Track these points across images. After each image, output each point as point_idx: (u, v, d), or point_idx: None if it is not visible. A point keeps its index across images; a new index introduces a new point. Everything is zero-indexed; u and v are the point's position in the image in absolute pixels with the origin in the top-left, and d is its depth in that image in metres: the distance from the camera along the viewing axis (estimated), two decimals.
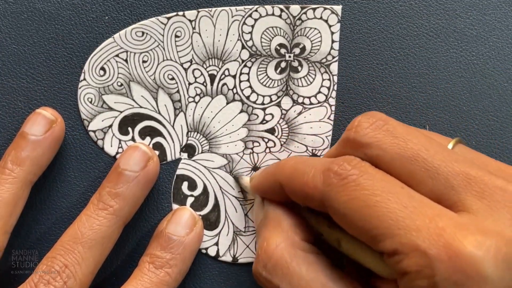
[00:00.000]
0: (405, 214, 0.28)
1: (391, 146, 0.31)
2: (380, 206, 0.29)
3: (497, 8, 0.40)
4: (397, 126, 0.32)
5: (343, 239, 0.32)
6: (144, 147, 0.38)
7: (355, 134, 0.32)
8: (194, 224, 0.38)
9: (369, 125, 0.32)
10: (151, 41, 0.40)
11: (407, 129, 0.32)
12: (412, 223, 0.28)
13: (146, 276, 0.36)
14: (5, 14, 0.39)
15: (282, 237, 0.34)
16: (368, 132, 0.32)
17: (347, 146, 0.33)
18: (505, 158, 0.40)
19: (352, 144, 0.33)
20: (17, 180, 0.37)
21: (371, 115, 0.33)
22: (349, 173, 0.30)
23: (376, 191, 0.29)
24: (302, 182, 0.33)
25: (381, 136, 0.32)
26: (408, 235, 0.28)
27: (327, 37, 0.40)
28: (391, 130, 0.32)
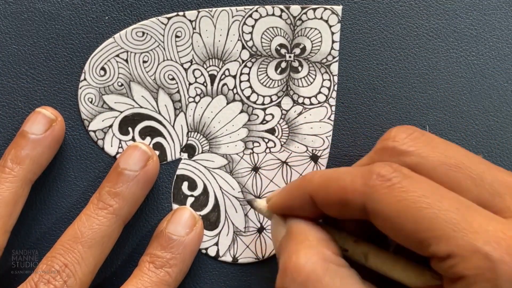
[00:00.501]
0: (459, 217, 0.28)
1: (432, 153, 0.31)
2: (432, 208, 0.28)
3: (497, 8, 0.40)
4: (436, 137, 0.32)
5: (371, 252, 0.32)
6: (143, 146, 0.38)
7: (393, 143, 0.32)
8: (194, 224, 0.38)
9: (407, 135, 0.32)
10: (152, 41, 0.40)
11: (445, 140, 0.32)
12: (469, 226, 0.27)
13: (146, 276, 0.36)
14: (5, 14, 0.39)
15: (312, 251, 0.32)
16: (408, 141, 0.32)
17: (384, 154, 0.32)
18: (505, 158, 0.40)
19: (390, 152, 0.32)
20: (17, 179, 0.37)
21: (407, 127, 0.33)
22: (394, 174, 0.29)
23: (426, 193, 0.29)
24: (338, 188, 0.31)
25: (422, 145, 0.31)
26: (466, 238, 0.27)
27: (328, 37, 0.40)
28: (430, 141, 0.32)
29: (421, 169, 0.31)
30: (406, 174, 0.29)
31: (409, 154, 0.31)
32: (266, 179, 0.40)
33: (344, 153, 0.40)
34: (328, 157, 0.40)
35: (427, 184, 0.29)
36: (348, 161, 0.40)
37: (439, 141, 0.32)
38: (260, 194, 0.40)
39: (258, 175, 0.40)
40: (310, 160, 0.40)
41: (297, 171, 0.40)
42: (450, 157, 0.31)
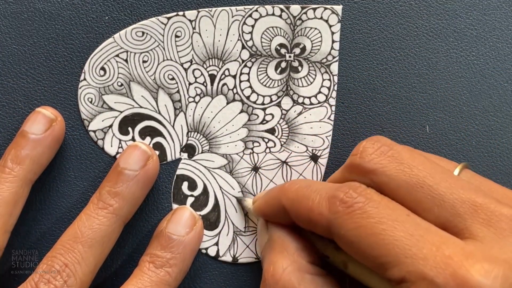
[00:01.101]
0: (411, 242, 0.28)
1: (396, 172, 0.32)
2: (387, 234, 0.29)
3: (497, 8, 0.40)
4: (402, 151, 0.32)
5: (350, 262, 0.32)
6: (143, 146, 0.38)
7: (360, 160, 0.33)
8: (194, 223, 0.38)
9: (374, 151, 0.33)
10: (151, 41, 0.40)
11: (412, 154, 0.32)
12: (419, 252, 0.28)
13: (146, 276, 0.36)
14: (5, 14, 0.39)
15: (289, 261, 0.34)
16: (373, 158, 0.32)
17: (352, 171, 0.33)
18: (505, 158, 0.40)
19: (357, 170, 0.33)
20: (17, 179, 0.37)
21: (376, 140, 0.33)
22: (355, 200, 0.31)
23: (382, 219, 0.30)
24: (307, 208, 0.33)
25: (386, 162, 0.32)
26: (415, 264, 0.28)
27: (328, 37, 0.40)
28: (396, 156, 0.32)
29: (386, 188, 0.32)
30: (368, 198, 0.31)
31: (374, 173, 0.32)
32: (266, 179, 0.40)
33: (344, 153, 0.40)
34: (328, 157, 0.40)
35: (387, 208, 0.30)
36: None
37: (406, 156, 0.32)
38: None
39: (258, 175, 0.40)
40: (310, 160, 0.40)
41: (297, 171, 0.40)
42: (413, 175, 0.31)
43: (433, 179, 0.31)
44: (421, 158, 0.32)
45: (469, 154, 0.40)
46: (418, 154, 0.33)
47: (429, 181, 0.31)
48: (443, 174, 0.31)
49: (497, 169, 0.40)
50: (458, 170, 0.34)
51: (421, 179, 0.31)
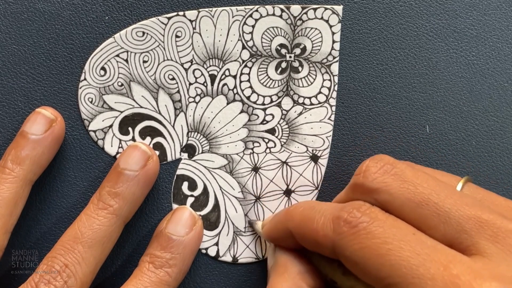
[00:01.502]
0: (418, 262, 0.28)
1: (400, 191, 0.31)
2: (393, 255, 0.29)
3: (497, 8, 0.40)
4: (406, 169, 0.32)
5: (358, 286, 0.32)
6: (143, 146, 0.38)
7: (363, 179, 0.33)
8: (194, 223, 0.38)
9: (377, 170, 0.33)
10: (152, 41, 0.40)
11: (415, 172, 0.32)
12: (426, 272, 0.28)
13: (145, 276, 0.36)
14: (5, 14, 0.39)
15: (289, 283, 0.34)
16: (377, 176, 0.32)
17: (356, 191, 0.33)
18: (505, 158, 0.40)
19: (361, 189, 0.33)
20: (17, 180, 0.37)
21: (379, 159, 0.33)
22: (359, 220, 0.31)
23: (387, 239, 0.29)
24: (312, 230, 0.33)
25: (390, 181, 0.32)
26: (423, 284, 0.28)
27: (328, 38, 0.40)
28: (399, 174, 0.32)
29: (390, 207, 0.32)
30: (373, 218, 0.31)
31: (378, 192, 0.32)
32: (266, 179, 0.40)
33: (344, 153, 0.40)
34: (328, 157, 0.40)
35: (392, 227, 0.30)
36: (348, 161, 0.40)
37: (410, 174, 0.32)
38: (260, 194, 0.40)
39: (258, 175, 0.40)
40: (310, 160, 0.40)
41: (297, 171, 0.40)
42: (418, 193, 0.31)
43: (437, 196, 0.31)
44: (424, 176, 0.32)
45: (469, 154, 0.40)
46: (421, 172, 0.32)
47: (434, 198, 0.31)
48: (447, 190, 0.31)
49: (497, 169, 0.40)
50: (461, 184, 0.34)
51: (425, 196, 0.31)
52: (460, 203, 0.30)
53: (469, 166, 0.40)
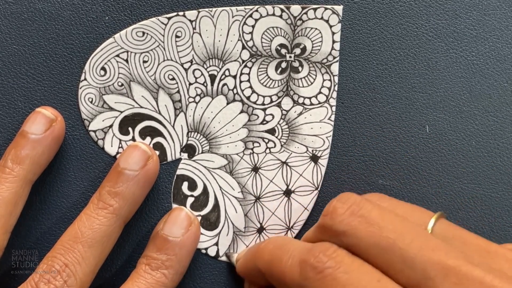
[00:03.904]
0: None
1: (366, 234, 0.31)
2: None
3: (497, 8, 0.40)
4: (372, 210, 0.32)
5: None
6: (143, 146, 0.38)
7: (330, 221, 0.33)
8: (190, 223, 0.38)
9: (343, 211, 0.32)
10: (152, 41, 0.40)
11: (382, 213, 0.32)
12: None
13: (142, 278, 0.36)
14: (5, 14, 0.39)
15: None
16: (344, 218, 0.32)
17: (324, 232, 0.33)
18: (505, 158, 0.40)
19: (329, 231, 0.33)
20: (17, 179, 0.37)
21: (346, 199, 0.33)
22: (326, 265, 0.31)
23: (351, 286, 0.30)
24: (280, 271, 0.33)
25: (356, 224, 0.32)
26: None
27: (328, 38, 0.40)
28: (366, 216, 0.32)
29: (357, 250, 0.31)
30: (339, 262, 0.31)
31: (345, 235, 0.32)
32: (266, 179, 0.40)
33: (344, 153, 0.40)
34: (328, 157, 0.40)
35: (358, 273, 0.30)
36: (348, 161, 0.40)
37: (376, 215, 0.32)
38: (260, 195, 0.40)
39: (258, 175, 0.40)
40: (310, 161, 0.40)
41: (297, 171, 0.40)
42: (384, 237, 0.31)
43: (403, 240, 0.30)
44: (391, 217, 0.32)
45: (469, 154, 0.40)
46: (387, 213, 0.32)
47: (399, 243, 0.30)
48: (414, 233, 0.31)
49: (497, 169, 0.40)
50: (433, 221, 0.33)
51: (391, 241, 0.31)
52: (426, 248, 0.30)
53: (469, 166, 0.40)
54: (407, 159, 0.40)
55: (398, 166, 0.40)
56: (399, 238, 0.31)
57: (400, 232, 0.31)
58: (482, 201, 0.40)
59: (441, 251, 0.30)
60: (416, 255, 0.30)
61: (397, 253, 0.30)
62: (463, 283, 0.29)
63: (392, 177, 0.40)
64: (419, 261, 0.30)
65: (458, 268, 0.29)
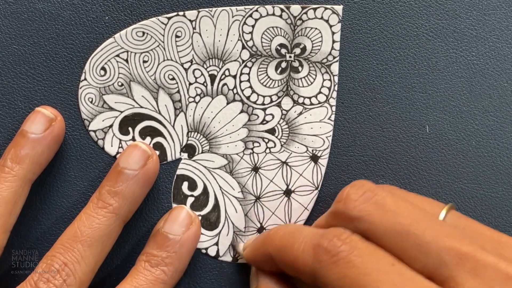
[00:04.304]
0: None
1: (381, 220, 0.31)
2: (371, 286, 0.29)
3: (497, 8, 0.40)
4: (386, 197, 0.32)
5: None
6: (143, 145, 0.38)
7: (344, 207, 0.33)
8: (191, 222, 0.38)
9: (358, 197, 0.32)
10: (152, 41, 0.40)
11: (396, 200, 0.32)
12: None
13: (141, 274, 0.36)
14: (5, 14, 0.39)
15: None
16: (358, 204, 0.32)
17: (337, 218, 0.33)
18: (505, 158, 0.40)
19: (342, 217, 0.33)
20: (17, 178, 0.37)
21: (360, 186, 0.33)
22: (339, 249, 0.31)
23: (366, 270, 0.29)
24: (292, 256, 0.33)
25: (371, 209, 0.32)
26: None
27: (328, 37, 0.40)
28: (381, 203, 0.32)
29: (371, 235, 0.31)
30: (353, 247, 0.31)
31: (359, 220, 0.32)
32: (266, 179, 0.40)
33: (344, 153, 0.40)
34: (328, 157, 0.40)
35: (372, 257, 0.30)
36: (348, 161, 0.40)
37: (390, 202, 0.32)
38: (260, 194, 0.40)
39: (258, 175, 0.40)
40: (310, 160, 0.40)
41: (297, 171, 0.40)
42: (398, 224, 0.31)
43: (418, 226, 0.30)
44: (405, 204, 0.32)
45: (469, 154, 0.40)
46: (402, 200, 0.32)
47: (414, 229, 0.30)
48: (428, 220, 0.31)
49: (497, 169, 0.40)
50: (445, 212, 0.33)
51: (406, 227, 0.31)
52: (440, 234, 0.30)
53: (469, 166, 0.40)
54: (407, 159, 0.40)
55: (398, 166, 0.40)
56: (413, 225, 0.31)
57: (414, 219, 0.31)
58: (482, 201, 0.40)
59: (455, 238, 0.30)
60: (431, 241, 0.30)
61: (412, 238, 0.30)
62: (477, 269, 0.29)
63: (392, 177, 0.40)
64: (433, 247, 0.30)
65: (472, 254, 0.29)
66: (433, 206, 0.34)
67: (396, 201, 0.32)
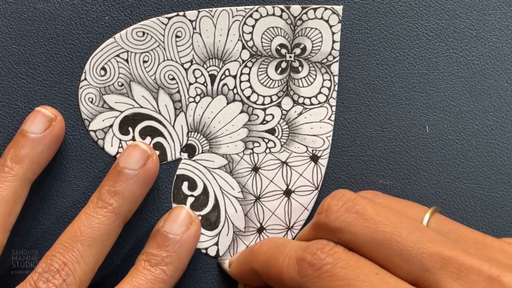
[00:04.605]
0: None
1: (362, 230, 0.31)
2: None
3: (497, 8, 0.40)
4: (367, 206, 0.32)
5: None
6: (143, 145, 0.38)
7: (325, 218, 0.33)
8: (191, 222, 0.38)
9: (338, 208, 0.32)
10: (152, 41, 0.40)
11: (377, 209, 0.32)
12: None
13: (141, 274, 0.36)
14: (5, 14, 0.39)
15: None
16: (339, 215, 0.32)
17: (320, 230, 0.33)
18: (505, 158, 0.40)
19: (324, 228, 0.33)
20: (17, 178, 0.37)
21: (340, 196, 0.33)
22: (323, 262, 0.31)
23: (351, 281, 0.30)
24: (277, 271, 0.33)
25: (352, 220, 0.32)
26: None
27: (328, 38, 0.40)
28: (361, 212, 0.32)
29: (354, 246, 0.31)
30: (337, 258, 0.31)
31: (341, 231, 0.32)
32: (266, 179, 0.40)
33: (344, 153, 0.40)
34: (328, 157, 0.40)
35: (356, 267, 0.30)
36: (348, 161, 0.40)
37: (370, 211, 0.32)
38: (260, 194, 0.40)
39: (258, 175, 0.40)
40: (310, 160, 0.40)
41: (297, 171, 0.40)
42: (380, 232, 0.31)
43: (399, 234, 0.31)
44: (386, 212, 0.32)
45: (469, 154, 0.40)
46: (382, 208, 0.32)
47: (395, 237, 0.30)
48: (410, 227, 0.31)
49: (497, 169, 0.40)
50: (428, 216, 0.33)
51: (387, 235, 0.31)
52: (422, 240, 0.30)
53: (469, 166, 0.40)
54: (407, 159, 0.40)
55: (398, 166, 0.40)
56: (395, 232, 0.31)
57: (395, 226, 0.31)
58: (482, 201, 0.40)
59: (437, 242, 0.30)
60: (413, 248, 0.30)
61: (394, 246, 0.30)
62: (461, 272, 0.29)
63: (392, 177, 0.40)
64: (416, 254, 0.30)
65: (455, 258, 0.29)
66: (416, 210, 0.34)
67: (376, 209, 0.32)
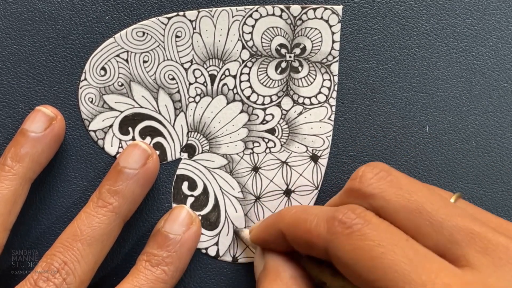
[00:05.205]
0: (410, 268, 0.28)
1: (395, 197, 0.31)
2: (385, 258, 0.29)
3: (497, 8, 0.40)
4: (401, 177, 0.32)
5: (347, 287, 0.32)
6: (143, 145, 0.38)
7: (359, 184, 0.33)
8: (191, 222, 0.38)
9: (373, 176, 0.33)
10: (152, 41, 0.40)
11: (411, 181, 0.32)
12: (418, 278, 0.28)
13: (142, 274, 0.36)
14: (5, 14, 0.39)
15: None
16: (373, 182, 0.32)
17: (351, 196, 0.33)
18: (505, 158, 0.40)
19: (357, 194, 0.33)
20: (17, 177, 0.37)
21: (375, 166, 0.33)
22: (354, 222, 0.30)
23: (381, 242, 0.29)
24: (305, 230, 0.33)
25: (386, 187, 0.32)
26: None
27: (328, 37, 0.40)
28: (395, 181, 0.32)
29: (384, 212, 0.31)
30: (368, 220, 0.30)
31: (373, 197, 0.32)
32: (266, 179, 0.40)
33: (344, 153, 0.40)
34: (328, 157, 0.40)
35: (386, 231, 0.30)
36: (348, 161, 0.40)
37: (405, 182, 0.32)
38: (260, 194, 0.40)
39: (258, 175, 0.40)
40: (310, 160, 0.40)
41: (297, 171, 0.40)
42: (413, 201, 0.31)
43: (431, 205, 0.31)
44: (419, 185, 0.32)
45: (469, 154, 0.40)
46: (416, 181, 0.33)
47: (428, 207, 0.31)
48: (441, 201, 0.31)
49: (497, 169, 0.40)
50: (454, 199, 0.34)
51: (420, 204, 0.31)
52: (453, 214, 0.30)
53: (469, 166, 0.40)
54: (407, 159, 0.40)
55: (398, 166, 0.40)
56: (427, 203, 0.31)
57: (428, 198, 0.31)
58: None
59: (467, 218, 0.30)
60: (444, 220, 0.30)
61: (425, 216, 0.30)
62: (488, 248, 0.29)
63: None
64: (446, 226, 0.30)
65: (484, 234, 0.29)
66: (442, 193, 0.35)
67: (410, 181, 0.32)
